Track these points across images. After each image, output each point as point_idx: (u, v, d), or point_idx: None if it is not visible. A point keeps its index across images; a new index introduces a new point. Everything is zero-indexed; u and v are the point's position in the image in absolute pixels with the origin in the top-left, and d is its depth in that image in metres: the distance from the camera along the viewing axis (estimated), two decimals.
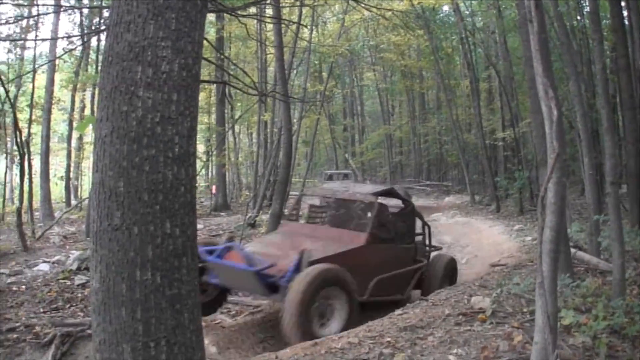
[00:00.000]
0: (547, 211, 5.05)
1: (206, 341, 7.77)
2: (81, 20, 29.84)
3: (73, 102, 33.87)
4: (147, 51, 3.42)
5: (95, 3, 25.54)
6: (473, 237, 19.19)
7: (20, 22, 21.85)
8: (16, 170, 27.09)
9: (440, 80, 35.20)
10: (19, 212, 16.35)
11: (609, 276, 8.84)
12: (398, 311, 8.36)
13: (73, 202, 31.53)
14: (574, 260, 10.41)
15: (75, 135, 33.84)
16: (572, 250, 10.84)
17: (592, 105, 16.64)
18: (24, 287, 11.19)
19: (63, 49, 29.71)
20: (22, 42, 25.62)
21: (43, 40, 28.73)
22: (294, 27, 21.53)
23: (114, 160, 3.39)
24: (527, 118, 20.58)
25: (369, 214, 11.04)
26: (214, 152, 31.24)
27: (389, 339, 6.64)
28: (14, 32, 22.35)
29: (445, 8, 35.78)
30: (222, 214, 29.25)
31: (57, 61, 27.93)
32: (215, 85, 29.81)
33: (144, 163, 3.37)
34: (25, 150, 18.72)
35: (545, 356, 4.61)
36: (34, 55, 27.45)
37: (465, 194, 34.57)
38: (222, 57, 23.44)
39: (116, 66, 3.45)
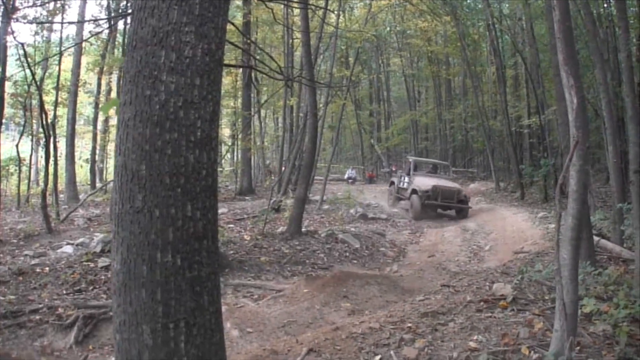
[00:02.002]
0: (569, 199, 5.04)
1: (228, 324, 7.83)
2: (108, 4, 30.00)
3: (99, 85, 34.10)
4: (171, 36, 3.44)
5: None
6: (497, 223, 19.15)
7: (47, 5, 21.96)
8: (42, 153, 27.35)
9: (467, 67, 34.98)
10: (43, 194, 16.49)
11: (632, 265, 8.80)
12: (419, 297, 8.37)
13: (98, 184, 31.74)
14: (596, 249, 10.37)
15: (100, 118, 34.08)
16: (595, 238, 10.80)
17: (618, 93, 16.49)
18: (47, 268, 11.27)
19: (90, 32, 29.86)
20: (49, 24, 25.75)
21: (70, 23, 28.93)
22: (320, 12, 21.49)
23: (137, 143, 3.41)
24: (553, 105, 20.43)
25: None
26: (240, 136, 31.31)
27: (409, 325, 6.66)
28: (41, 14, 22.46)
29: None
30: (247, 197, 29.37)
31: (83, 44, 28.16)
32: (241, 69, 29.82)
33: (166, 146, 3.39)
34: (51, 132, 18.94)
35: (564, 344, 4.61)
36: (61, 38, 27.80)
37: (490, 180, 34.51)
38: (248, 41, 23.42)
39: (140, 51, 3.47)
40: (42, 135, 21.54)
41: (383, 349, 5.99)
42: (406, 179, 26.68)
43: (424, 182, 24.72)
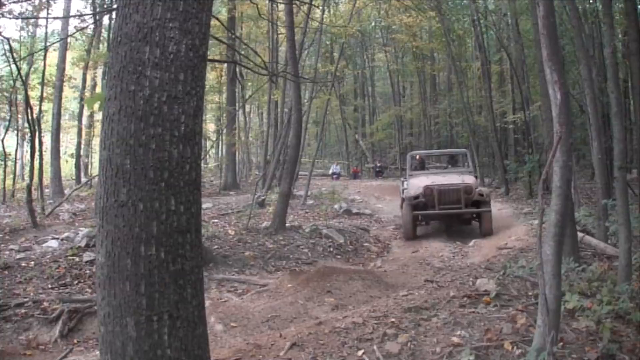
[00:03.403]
0: (552, 195, 5.09)
1: (212, 319, 7.85)
2: None
3: (84, 80, 34.05)
4: (155, 32, 3.47)
5: None
6: None
7: (32, 0, 21.93)
8: (27, 147, 27.29)
9: (452, 62, 34.97)
10: (29, 188, 16.46)
11: (616, 261, 8.86)
12: (403, 292, 8.42)
13: (83, 179, 31.66)
14: (581, 245, 10.43)
15: (86, 113, 34.05)
16: (580, 234, 10.87)
17: (604, 89, 16.59)
18: (32, 263, 11.26)
19: (75, 27, 29.81)
20: (34, 20, 25.69)
21: (55, 18, 28.80)
22: (305, 7, 21.52)
23: (121, 138, 3.45)
24: (538, 101, 20.52)
25: None
26: (225, 131, 31.30)
27: (393, 320, 6.70)
28: (27, 10, 22.43)
29: None
30: (232, 193, 29.36)
31: (68, 39, 28.12)
32: (226, 64, 29.86)
33: (151, 141, 3.43)
34: (36, 127, 18.84)
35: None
36: (46, 33, 27.79)
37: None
38: (233, 37, 23.46)
39: (125, 46, 3.51)
40: (27, 130, 21.56)
41: (366, 343, 6.03)
42: (404, 183, 19.24)
43: (416, 182, 17.81)
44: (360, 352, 5.80)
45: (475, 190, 16.97)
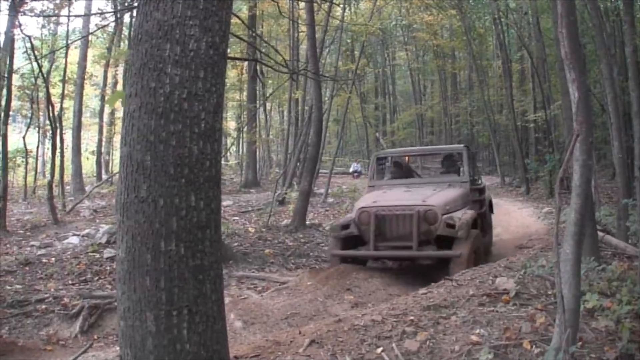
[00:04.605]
0: (572, 193, 5.06)
1: (232, 316, 7.88)
2: None
3: (105, 77, 34.20)
4: (176, 29, 3.50)
5: None
6: (502, 218, 19.11)
7: None
8: (48, 145, 27.40)
9: (473, 61, 34.91)
10: (50, 185, 16.58)
11: (636, 261, 8.79)
12: (422, 290, 8.41)
13: (104, 176, 31.81)
14: (601, 244, 10.35)
15: (107, 110, 34.16)
16: (600, 234, 10.79)
17: (625, 88, 16.46)
18: (53, 259, 11.37)
19: (96, 25, 29.86)
20: (55, 18, 25.79)
21: (76, 16, 28.89)
22: (326, 5, 21.49)
23: (142, 134, 3.48)
24: (559, 100, 20.39)
25: None
26: (245, 129, 31.34)
27: (412, 318, 6.68)
28: (48, 8, 22.49)
29: None
30: (252, 190, 29.38)
31: (90, 37, 28.14)
32: (247, 62, 29.85)
33: (171, 138, 3.46)
34: (58, 124, 19.01)
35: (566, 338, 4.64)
36: (67, 31, 27.73)
37: (496, 175, 34.41)
38: (254, 34, 23.45)
39: (145, 44, 3.54)
40: (48, 127, 21.63)
41: (385, 341, 6.02)
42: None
43: (364, 201, 11.80)
44: (379, 350, 5.79)
45: (442, 219, 10.46)
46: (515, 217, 17.53)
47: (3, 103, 16.25)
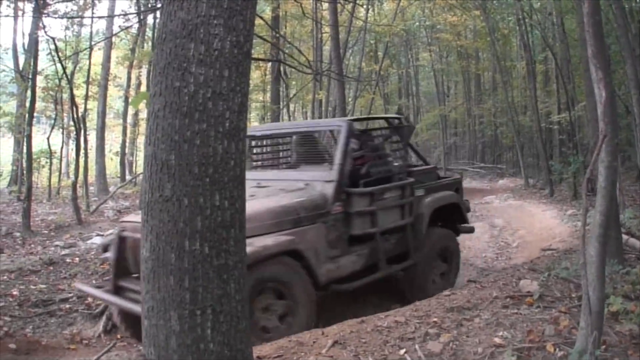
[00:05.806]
0: (597, 195, 5.03)
1: None
2: None
3: (129, 78, 34.29)
4: (200, 29, 3.50)
5: None
6: (525, 220, 19.02)
7: (77, 0, 22.17)
8: (72, 145, 27.58)
9: (496, 62, 34.69)
10: (74, 186, 16.71)
11: None
12: (446, 292, 8.37)
13: (128, 177, 31.93)
14: (625, 247, 10.29)
15: (130, 111, 34.28)
16: (624, 236, 10.72)
17: None
18: (77, 259, 11.45)
19: (119, 26, 29.95)
20: (79, 19, 25.96)
21: (100, 17, 29.05)
22: (349, 6, 21.49)
23: (166, 134, 3.49)
24: (583, 101, 20.24)
25: None
26: None
27: (435, 319, 6.66)
28: (72, 9, 22.65)
29: None
30: None
31: (113, 38, 28.31)
32: (270, 63, 29.89)
33: (195, 137, 3.46)
34: (82, 125, 19.14)
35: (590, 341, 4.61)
36: (91, 33, 27.88)
37: (519, 177, 34.16)
38: (277, 35, 23.47)
39: (169, 43, 3.54)
40: (72, 128, 21.80)
41: (408, 342, 6.01)
42: None
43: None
44: (402, 351, 5.78)
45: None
46: (539, 219, 17.41)
47: (27, 104, 16.39)
